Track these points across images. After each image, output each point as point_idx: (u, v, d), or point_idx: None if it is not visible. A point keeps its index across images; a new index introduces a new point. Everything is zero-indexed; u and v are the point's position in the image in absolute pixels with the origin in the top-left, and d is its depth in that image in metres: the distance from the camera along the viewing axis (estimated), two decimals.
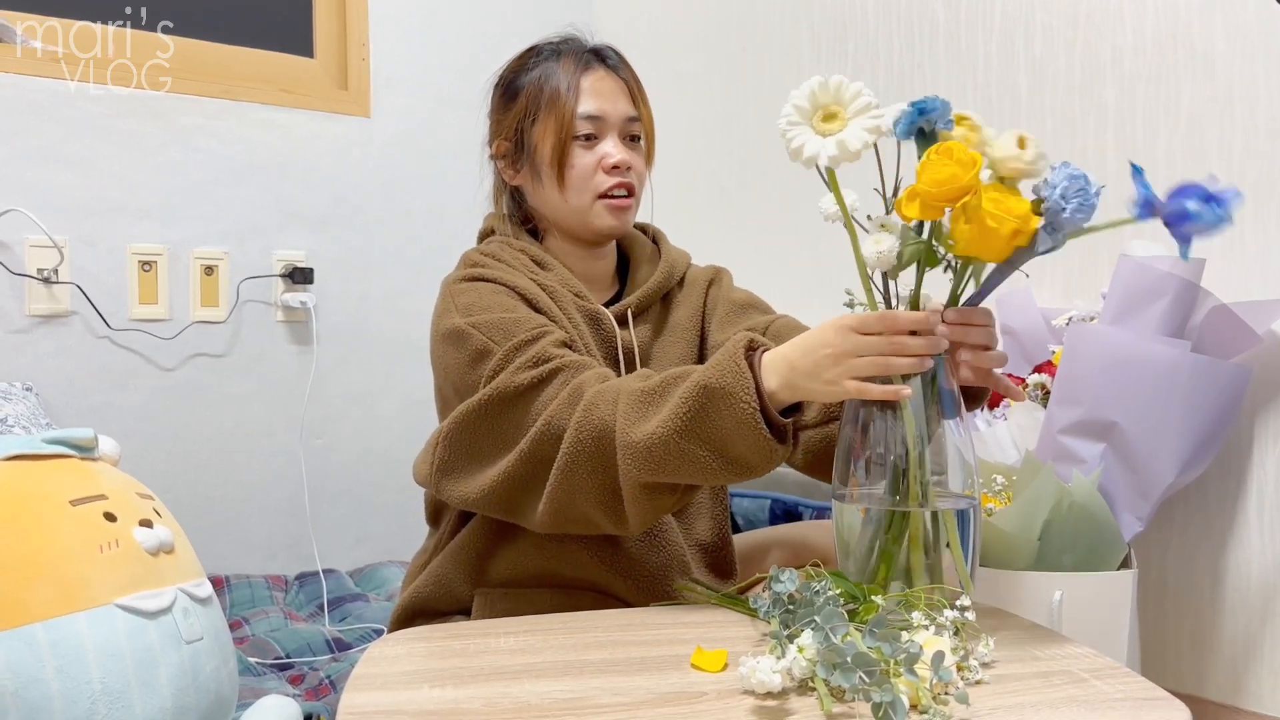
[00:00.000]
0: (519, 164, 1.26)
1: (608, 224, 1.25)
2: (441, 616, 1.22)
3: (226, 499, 2.18)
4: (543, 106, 1.22)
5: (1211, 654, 1.47)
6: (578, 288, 1.24)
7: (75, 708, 0.91)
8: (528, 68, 1.26)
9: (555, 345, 1.10)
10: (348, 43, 2.38)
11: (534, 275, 1.22)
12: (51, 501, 0.98)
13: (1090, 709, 0.73)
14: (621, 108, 1.24)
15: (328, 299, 2.30)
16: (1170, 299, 1.29)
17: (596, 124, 1.22)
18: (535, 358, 1.08)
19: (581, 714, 0.74)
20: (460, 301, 1.16)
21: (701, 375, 0.96)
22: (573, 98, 1.22)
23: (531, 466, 1.05)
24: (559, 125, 1.21)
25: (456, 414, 1.11)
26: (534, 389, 1.06)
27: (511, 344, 1.09)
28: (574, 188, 1.23)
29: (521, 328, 1.11)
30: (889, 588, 0.89)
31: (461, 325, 1.13)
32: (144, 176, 2.11)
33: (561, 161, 1.22)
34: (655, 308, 1.32)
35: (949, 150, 0.83)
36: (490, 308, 1.14)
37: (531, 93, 1.24)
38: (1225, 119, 1.43)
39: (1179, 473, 1.28)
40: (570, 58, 1.24)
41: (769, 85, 2.23)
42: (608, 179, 1.23)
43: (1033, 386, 1.40)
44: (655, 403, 0.98)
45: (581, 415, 1.01)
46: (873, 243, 0.88)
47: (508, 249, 1.25)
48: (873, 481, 0.92)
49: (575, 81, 1.22)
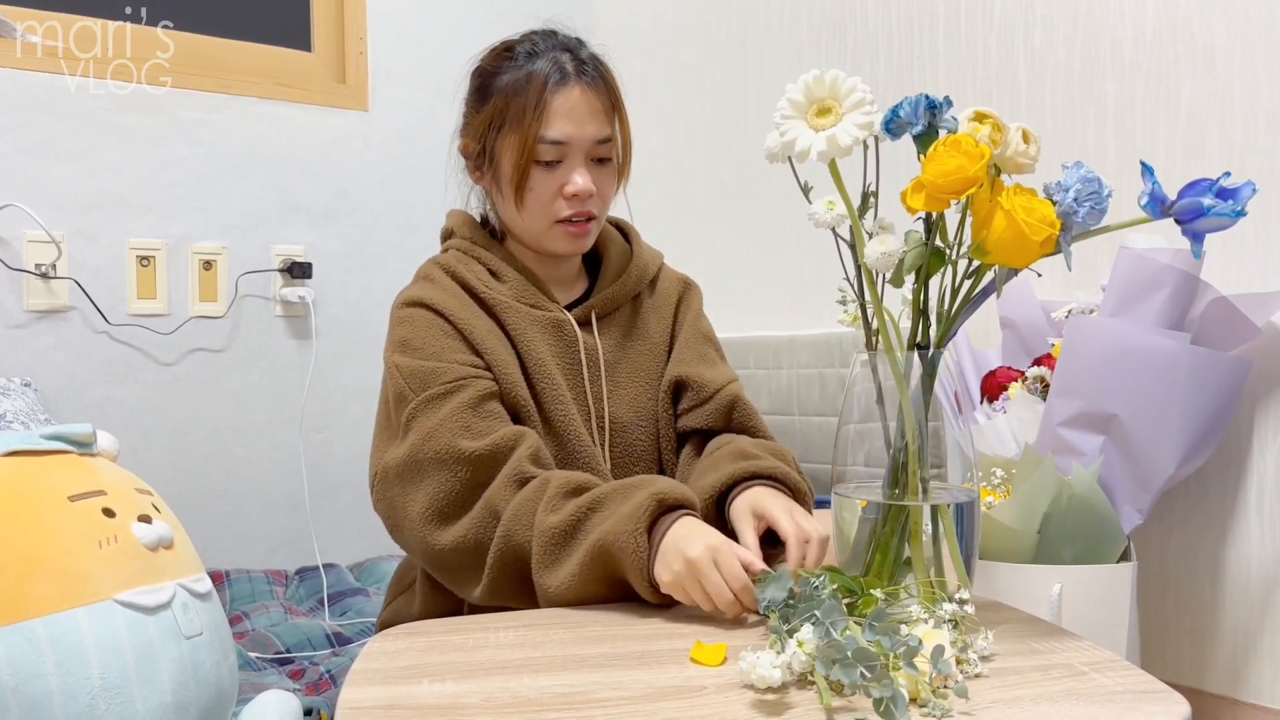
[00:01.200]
0: (483, 168, 1.23)
1: (563, 247, 1.21)
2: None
3: (226, 494, 2.18)
4: (508, 122, 1.16)
5: (1211, 646, 1.47)
6: (534, 298, 1.21)
7: (75, 703, 0.91)
8: (501, 69, 1.20)
9: (476, 399, 1.10)
10: (345, 36, 2.37)
11: (487, 290, 1.19)
12: (50, 497, 0.98)
13: (1089, 702, 0.73)
14: (591, 131, 1.17)
15: (327, 293, 2.30)
16: (1170, 290, 1.29)
17: (560, 149, 1.16)
18: (463, 418, 1.09)
19: (581, 708, 0.74)
20: (397, 334, 1.17)
21: (602, 538, 0.99)
22: (537, 121, 1.14)
23: (474, 552, 1.07)
24: (520, 146, 1.15)
25: (387, 464, 1.13)
26: (462, 463, 1.08)
27: (425, 395, 1.11)
28: (531, 210, 1.18)
29: (439, 378, 1.11)
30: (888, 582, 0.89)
31: (390, 362, 1.16)
32: (142, 171, 2.10)
33: (521, 183, 1.17)
34: (625, 309, 1.28)
35: (956, 142, 0.83)
36: (420, 347, 1.14)
37: (499, 104, 1.17)
38: (1225, 112, 1.43)
39: (1179, 465, 1.28)
40: (543, 69, 1.16)
41: (769, 79, 2.23)
42: (566, 207, 1.18)
43: (1032, 379, 1.40)
44: (562, 550, 1.02)
45: (502, 544, 1.05)
46: (876, 244, 0.87)
47: (464, 259, 1.23)
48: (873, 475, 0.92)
49: (543, 101, 1.15)
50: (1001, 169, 0.86)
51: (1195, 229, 0.82)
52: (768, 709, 0.72)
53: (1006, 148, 0.85)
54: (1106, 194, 0.83)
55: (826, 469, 1.00)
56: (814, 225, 0.93)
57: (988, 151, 0.83)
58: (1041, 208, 0.82)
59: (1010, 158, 0.85)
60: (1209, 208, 0.80)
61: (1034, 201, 0.82)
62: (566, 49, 1.20)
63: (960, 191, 0.82)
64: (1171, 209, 0.83)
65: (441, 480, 1.08)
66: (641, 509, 0.98)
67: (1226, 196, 0.81)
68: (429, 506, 1.08)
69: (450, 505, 1.08)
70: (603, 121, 1.18)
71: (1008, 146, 0.85)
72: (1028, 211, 0.81)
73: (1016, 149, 0.85)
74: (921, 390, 0.90)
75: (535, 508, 1.04)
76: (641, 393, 1.26)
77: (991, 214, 0.82)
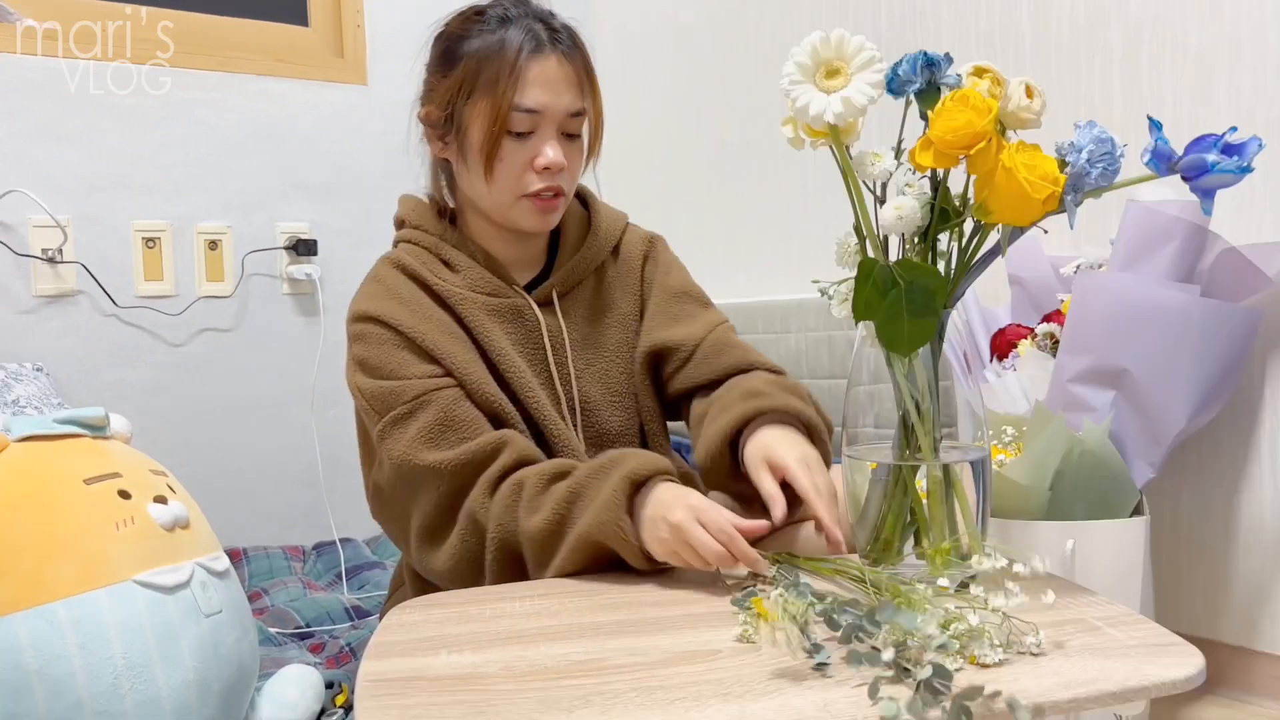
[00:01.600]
0: (447, 137, 1.17)
1: (530, 224, 1.17)
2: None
3: (241, 472, 2.20)
4: (479, 87, 1.10)
5: (1225, 598, 1.47)
6: (490, 286, 1.18)
7: (99, 683, 0.92)
8: (470, 33, 1.14)
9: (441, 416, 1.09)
10: (342, 10, 2.35)
11: (440, 283, 1.16)
12: (66, 481, 0.98)
13: (1105, 656, 0.73)
14: (565, 101, 1.12)
15: (332, 269, 2.30)
16: (1179, 243, 1.28)
17: (534, 119, 1.11)
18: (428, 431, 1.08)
19: (599, 674, 0.74)
20: (355, 351, 1.15)
21: (587, 532, 0.99)
22: (512, 88, 1.09)
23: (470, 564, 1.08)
24: (493, 114, 1.09)
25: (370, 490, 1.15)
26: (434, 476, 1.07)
27: (389, 418, 1.10)
28: (499, 182, 1.13)
29: (400, 398, 1.10)
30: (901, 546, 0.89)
31: (352, 385, 1.14)
32: (143, 152, 2.10)
33: (491, 153, 1.11)
34: (588, 282, 1.24)
35: (964, 97, 0.82)
36: (377, 365, 1.12)
37: (470, 67, 1.11)
38: (1234, 59, 1.41)
39: (1190, 418, 1.28)
40: (517, 35, 1.11)
41: (769, 37, 2.20)
42: (537, 180, 1.13)
43: (1042, 336, 1.40)
44: (552, 549, 1.03)
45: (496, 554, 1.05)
46: (892, 208, 0.87)
47: (415, 251, 1.20)
48: (883, 436, 0.92)
49: (519, 67, 1.09)
50: (1005, 125, 0.85)
51: (1201, 185, 0.81)
52: (784, 673, 0.73)
53: (1009, 102, 0.84)
54: (1119, 154, 0.82)
55: (836, 431, 1.00)
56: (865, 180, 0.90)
57: (995, 105, 0.82)
58: (1044, 164, 0.81)
59: (1013, 113, 0.84)
60: (1214, 164, 0.79)
61: (1036, 158, 0.81)
62: (539, 18, 1.15)
63: (969, 147, 0.82)
64: (1177, 165, 0.82)
65: (422, 500, 1.09)
66: (617, 493, 0.98)
67: (1232, 152, 0.80)
68: (418, 527, 1.10)
69: (435, 522, 1.09)
70: (575, 94, 1.14)
71: (1009, 100, 0.84)
72: (1030, 169, 0.80)
73: (1019, 104, 0.84)
74: (930, 350, 0.89)
75: (516, 513, 1.04)
76: (612, 368, 1.23)
77: (993, 172, 0.81)
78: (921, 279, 0.84)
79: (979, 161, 0.83)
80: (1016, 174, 0.80)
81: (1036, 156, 0.82)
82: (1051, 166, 0.81)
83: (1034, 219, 0.84)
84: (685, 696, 0.70)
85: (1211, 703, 1.46)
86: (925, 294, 0.84)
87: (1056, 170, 0.81)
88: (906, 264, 0.85)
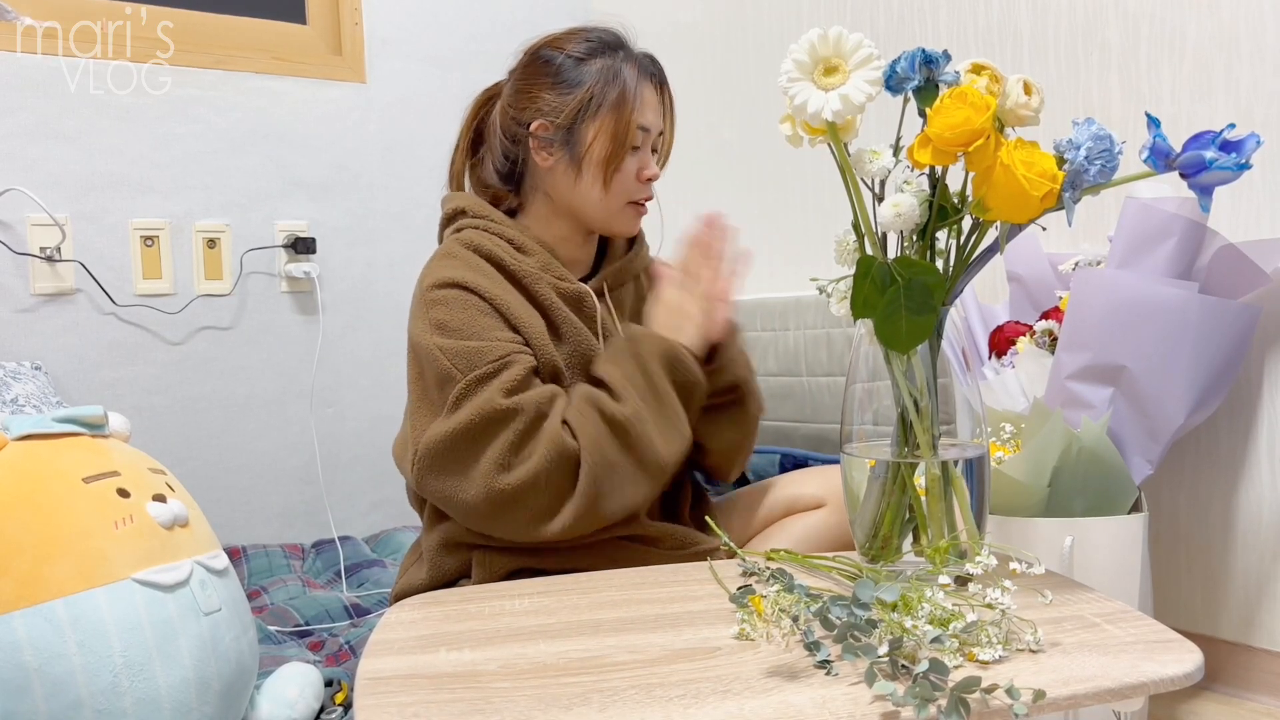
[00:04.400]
0: (554, 150, 1.26)
1: (629, 227, 1.31)
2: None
3: (240, 470, 2.20)
4: (606, 106, 1.24)
5: (1224, 594, 1.47)
6: (558, 270, 1.27)
7: (98, 681, 0.92)
8: (584, 57, 1.26)
9: (522, 374, 1.15)
10: (340, 7, 2.35)
11: (514, 262, 1.23)
12: (65, 480, 0.98)
13: (1103, 653, 0.74)
14: (659, 123, 1.29)
15: (331, 268, 2.30)
16: (1178, 239, 1.28)
17: (644, 135, 1.26)
18: (507, 386, 1.14)
19: (598, 672, 0.75)
20: (433, 315, 1.19)
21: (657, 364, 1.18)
22: (637, 109, 1.25)
23: (546, 490, 1.13)
24: (619, 131, 1.24)
25: (435, 436, 1.15)
26: (514, 414, 1.13)
27: (474, 375, 1.14)
28: (614, 190, 1.26)
29: (485, 357, 1.15)
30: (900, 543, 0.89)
31: (430, 345, 1.17)
32: (141, 150, 2.10)
33: (615, 165, 1.25)
34: (628, 288, 1.36)
35: (963, 94, 0.82)
36: (459, 328, 1.17)
37: (596, 88, 1.24)
38: (1232, 55, 1.41)
39: (1189, 414, 1.28)
40: (632, 63, 1.26)
41: (768, 36, 2.20)
42: (641, 189, 1.28)
43: (1040, 333, 1.40)
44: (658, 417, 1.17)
45: (590, 447, 1.14)
46: (890, 205, 0.87)
47: (486, 235, 1.25)
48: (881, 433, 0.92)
49: (639, 90, 1.25)
50: (1003, 122, 0.85)
51: (1199, 182, 0.81)
52: (782, 670, 0.73)
53: (1007, 99, 0.84)
54: (1118, 151, 0.82)
55: (835, 428, 1.00)
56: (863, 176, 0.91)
57: (994, 102, 0.82)
58: (1042, 161, 0.81)
59: (1011, 110, 0.84)
60: (1211, 161, 0.79)
61: (1034, 155, 0.81)
62: (631, 45, 1.30)
63: (967, 144, 0.82)
64: (1175, 162, 0.81)
65: (501, 436, 1.13)
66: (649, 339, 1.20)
67: (1230, 149, 0.80)
68: (493, 460, 1.13)
69: (512, 452, 1.13)
70: (661, 116, 1.30)
71: (1008, 98, 0.84)
72: (1028, 166, 0.80)
73: (1017, 101, 0.84)
74: (929, 348, 0.89)
75: (600, 418, 1.14)
76: None
77: (991, 169, 0.81)
78: (920, 276, 0.84)
79: (977, 159, 0.83)
80: (1015, 171, 0.80)
81: (1035, 154, 0.82)
82: (1050, 164, 0.81)
83: (1032, 216, 0.84)
84: (684, 694, 0.70)
85: (1209, 699, 1.46)
86: (923, 291, 0.84)
87: (1055, 167, 0.81)
88: (905, 261, 0.85)
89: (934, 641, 0.69)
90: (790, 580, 0.87)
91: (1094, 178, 0.82)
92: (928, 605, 0.73)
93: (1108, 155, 0.81)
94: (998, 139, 0.83)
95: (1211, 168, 0.80)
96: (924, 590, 0.75)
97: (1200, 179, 0.81)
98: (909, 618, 0.72)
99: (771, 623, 0.79)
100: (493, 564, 1.20)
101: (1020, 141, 0.82)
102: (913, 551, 0.89)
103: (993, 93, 0.84)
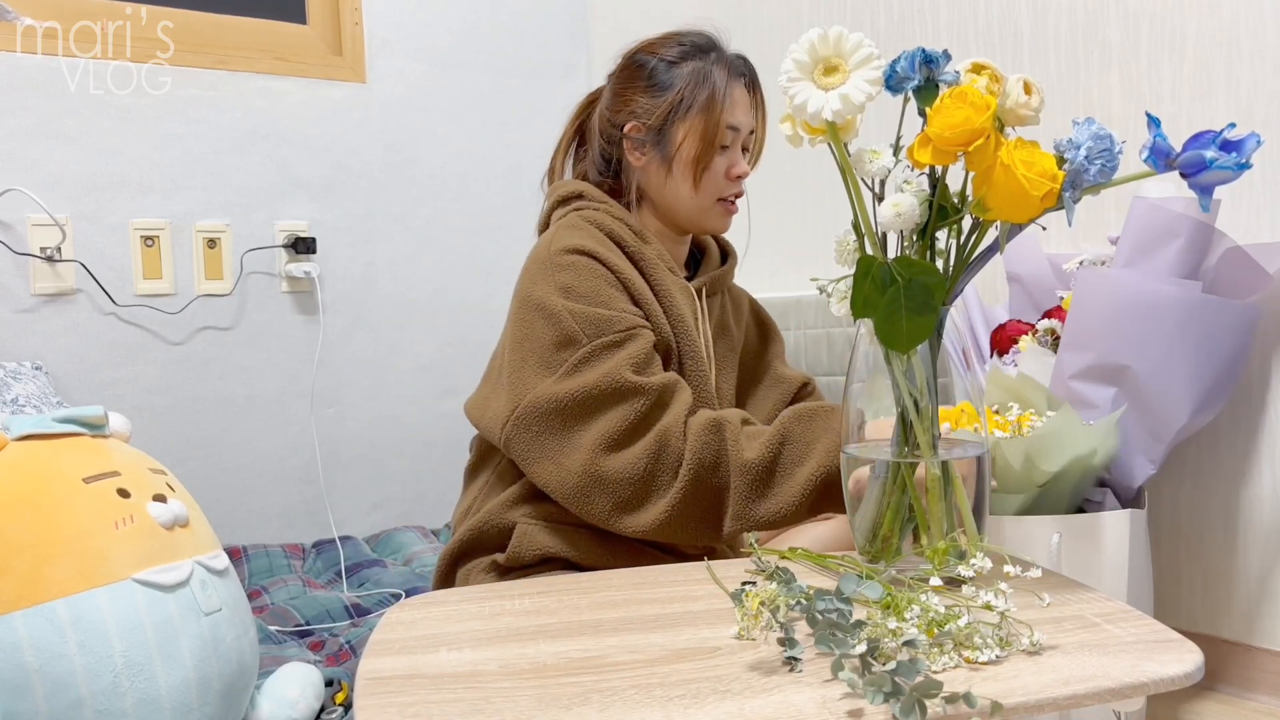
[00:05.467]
0: (647, 150, 1.30)
1: (720, 225, 1.34)
2: (485, 553, 1.26)
3: (240, 470, 2.20)
4: (696, 108, 1.27)
5: (1225, 594, 1.47)
6: (670, 263, 1.31)
7: (99, 681, 0.92)
8: (676, 60, 1.29)
9: (648, 349, 1.17)
10: (340, 8, 2.35)
11: (637, 246, 1.26)
12: (65, 480, 0.98)
13: (1103, 653, 0.73)
14: (750, 122, 1.31)
15: (332, 268, 2.30)
16: (1184, 240, 1.28)
17: (734, 135, 1.29)
18: (635, 359, 1.15)
19: (598, 672, 0.75)
20: (560, 278, 1.20)
21: (821, 461, 1.10)
22: (727, 109, 1.27)
23: (641, 483, 1.12)
24: (709, 131, 1.26)
25: (546, 395, 1.15)
26: (638, 393, 1.13)
27: (601, 342, 1.15)
28: (704, 189, 1.29)
29: (613, 326, 1.17)
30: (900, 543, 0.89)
31: (556, 305, 1.18)
32: (142, 150, 2.10)
33: (705, 164, 1.28)
34: (718, 298, 1.39)
35: (963, 94, 0.82)
36: (587, 294, 1.19)
37: (686, 90, 1.27)
38: (1232, 54, 1.40)
39: (1192, 414, 1.28)
40: (723, 65, 1.29)
41: (768, 35, 2.20)
42: (731, 187, 1.31)
43: (1043, 332, 1.40)
44: (769, 481, 1.12)
45: (693, 465, 1.11)
46: (890, 205, 0.87)
47: (609, 218, 1.28)
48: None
49: (729, 91, 1.27)
50: (1003, 121, 0.85)
51: (1199, 182, 0.80)
52: (781, 669, 0.73)
53: (1007, 99, 0.84)
54: (1118, 151, 0.82)
55: None
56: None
57: (994, 102, 0.82)
58: (1042, 161, 0.81)
59: (1011, 109, 0.84)
60: (1211, 160, 0.79)
61: (1035, 155, 0.81)
62: (723, 47, 1.33)
63: (967, 144, 0.82)
64: (1175, 162, 0.81)
65: (618, 411, 1.13)
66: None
67: (1230, 149, 0.80)
68: (603, 433, 1.13)
69: (624, 433, 1.13)
70: (753, 115, 1.32)
71: (1008, 98, 0.84)
72: (1028, 166, 0.80)
73: (1017, 100, 0.84)
74: (929, 347, 0.89)
75: (724, 445, 1.12)
76: (728, 376, 1.37)
77: (992, 169, 0.81)
78: (920, 276, 0.84)
79: (977, 158, 0.82)
80: (1015, 171, 0.80)
81: (1035, 153, 0.82)
82: (1050, 163, 0.81)
83: (1032, 216, 0.84)
84: (684, 694, 0.70)
85: (1210, 699, 1.46)
86: (924, 291, 0.84)
87: (1055, 167, 0.81)
88: (905, 261, 0.85)
89: (907, 644, 0.69)
90: (789, 577, 0.87)
91: (1094, 177, 0.81)
92: (917, 607, 0.73)
93: (1108, 155, 0.81)
94: (998, 139, 0.83)
95: (1212, 167, 0.80)
96: (912, 593, 0.75)
97: (1200, 178, 0.81)
98: (894, 619, 0.72)
99: (753, 619, 0.78)
100: (531, 543, 1.20)
101: (1020, 141, 0.82)
102: (913, 551, 0.89)
103: (993, 92, 0.84)
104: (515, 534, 1.21)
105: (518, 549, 1.20)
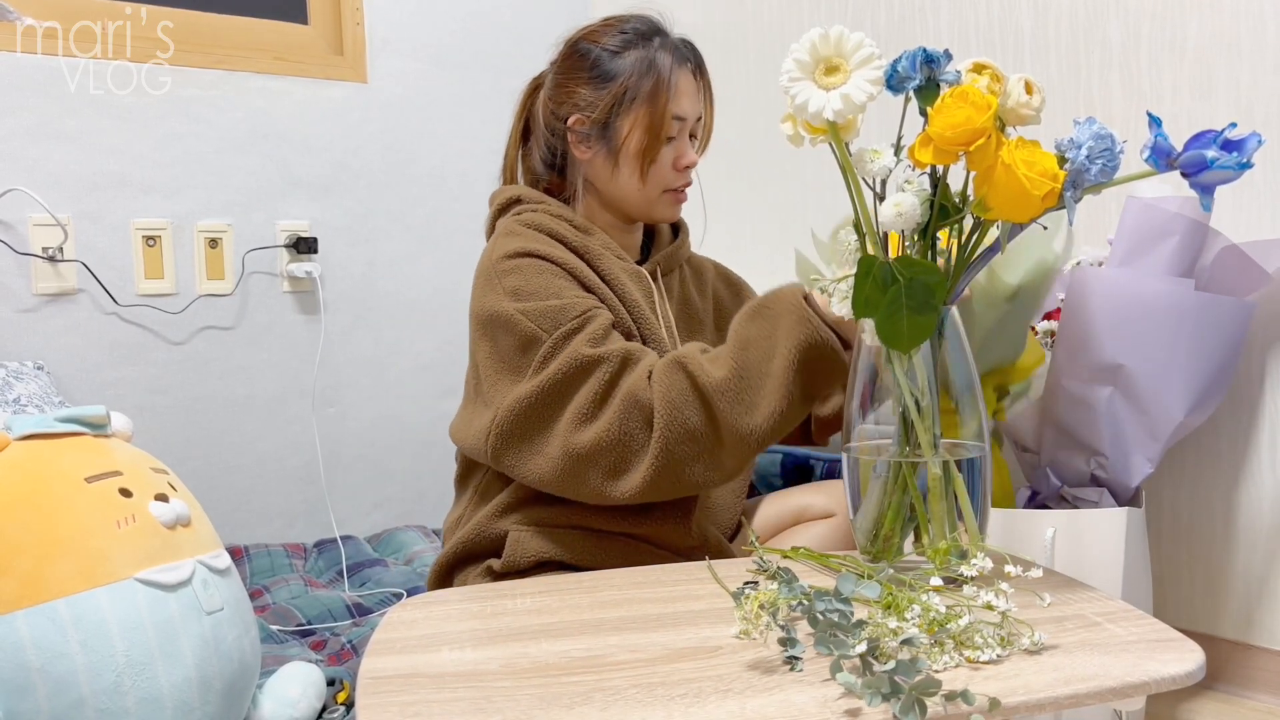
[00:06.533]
0: (592, 143, 1.28)
1: (669, 214, 1.33)
2: (477, 561, 1.25)
3: (242, 470, 2.20)
4: (640, 99, 1.25)
5: (1225, 593, 1.47)
6: (618, 250, 1.30)
7: (101, 680, 0.92)
8: (619, 49, 1.27)
9: (606, 325, 1.16)
10: (341, 7, 2.35)
11: (579, 240, 1.25)
12: (67, 479, 0.99)
13: (1104, 652, 0.74)
14: (697, 110, 1.29)
15: (333, 267, 2.30)
16: (1179, 239, 1.28)
17: (680, 125, 1.27)
18: (593, 336, 1.14)
19: (599, 671, 0.75)
20: (507, 283, 1.19)
21: (790, 345, 1.06)
22: (671, 99, 1.25)
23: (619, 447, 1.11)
24: (654, 123, 1.25)
25: (519, 396, 1.15)
26: (599, 364, 1.12)
27: (560, 332, 1.15)
28: (651, 180, 1.28)
29: (568, 314, 1.16)
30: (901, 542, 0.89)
31: (509, 311, 1.17)
32: (143, 150, 2.10)
33: (650, 156, 1.26)
34: (676, 274, 1.38)
35: (964, 94, 0.82)
36: (537, 291, 1.17)
37: (630, 81, 1.25)
38: (1233, 53, 1.41)
39: (1188, 412, 1.28)
40: (667, 51, 1.26)
41: (768, 35, 2.20)
42: (679, 177, 1.30)
43: (1043, 333, 1.40)
44: (749, 389, 1.08)
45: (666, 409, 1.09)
46: (891, 204, 0.87)
47: (547, 216, 1.27)
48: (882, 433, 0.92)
49: (673, 81, 1.25)
50: (1004, 121, 0.85)
51: (1200, 182, 0.81)
52: (782, 668, 0.73)
53: (1008, 98, 0.84)
54: (1119, 150, 0.82)
55: None
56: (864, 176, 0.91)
57: (995, 101, 0.82)
58: (1043, 161, 0.81)
59: (1013, 109, 0.84)
60: (1212, 160, 0.79)
61: (1036, 155, 0.81)
62: (669, 34, 1.30)
63: (968, 143, 0.82)
64: (1176, 161, 0.81)
65: (585, 387, 1.13)
66: (801, 308, 1.08)
67: (1231, 148, 0.80)
68: (575, 411, 1.12)
69: (593, 405, 1.12)
70: (700, 102, 1.31)
71: (1009, 97, 0.84)
72: (1029, 165, 0.80)
73: (1019, 100, 0.84)
74: (930, 347, 0.90)
75: (690, 377, 1.09)
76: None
77: (993, 169, 0.81)
78: (921, 276, 0.84)
79: (978, 158, 0.83)
80: (1016, 170, 0.80)
81: (1036, 153, 0.82)
82: (1051, 163, 0.81)
83: (1033, 215, 0.84)
84: (685, 693, 0.70)
85: (1210, 698, 1.46)
86: (925, 291, 0.84)
87: (1056, 167, 0.81)
88: (906, 261, 0.85)
89: (906, 643, 0.69)
90: (790, 577, 0.87)
91: (1095, 177, 0.82)
92: (918, 607, 0.73)
93: (1109, 154, 0.81)
94: (999, 138, 0.83)
95: (1213, 167, 0.80)
96: (913, 593, 0.75)
97: (1201, 178, 0.81)
98: (895, 618, 0.72)
99: (752, 620, 0.78)
100: (525, 549, 1.20)
101: (1021, 141, 0.82)
102: (914, 551, 0.89)
103: (994, 92, 0.84)
104: (508, 541, 1.21)
105: (512, 556, 1.20)
